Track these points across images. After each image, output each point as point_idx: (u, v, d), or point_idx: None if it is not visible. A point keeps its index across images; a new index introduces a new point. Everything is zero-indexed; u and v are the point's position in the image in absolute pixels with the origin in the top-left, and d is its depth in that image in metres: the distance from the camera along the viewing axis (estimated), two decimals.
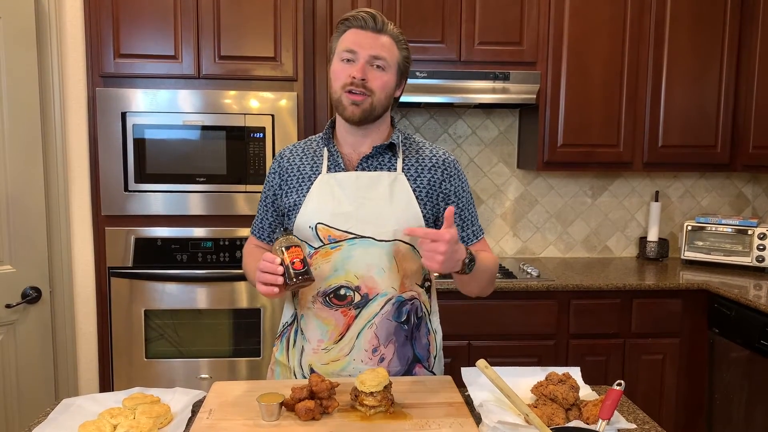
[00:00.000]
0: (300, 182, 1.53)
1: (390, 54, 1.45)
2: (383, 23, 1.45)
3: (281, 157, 1.59)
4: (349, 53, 1.44)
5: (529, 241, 3.30)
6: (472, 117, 3.20)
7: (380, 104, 1.46)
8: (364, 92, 1.43)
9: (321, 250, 1.47)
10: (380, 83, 1.44)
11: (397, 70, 1.48)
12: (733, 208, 3.37)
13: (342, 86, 1.44)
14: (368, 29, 1.43)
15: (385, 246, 1.46)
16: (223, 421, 1.24)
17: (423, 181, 1.51)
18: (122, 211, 2.51)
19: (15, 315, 2.23)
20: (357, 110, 1.44)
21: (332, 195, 1.47)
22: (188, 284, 2.55)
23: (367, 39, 1.43)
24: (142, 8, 2.46)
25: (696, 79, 2.91)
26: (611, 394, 1.21)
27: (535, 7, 2.80)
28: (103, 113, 2.46)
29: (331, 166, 1.51)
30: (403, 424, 1.24)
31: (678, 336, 2.72)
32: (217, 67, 2.51)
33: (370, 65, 1.43)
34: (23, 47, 2.21)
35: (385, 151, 1.52)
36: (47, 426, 1.23)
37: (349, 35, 1.45)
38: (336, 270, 1.46)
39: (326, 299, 1.47)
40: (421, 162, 1.53)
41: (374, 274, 1.46)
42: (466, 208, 1.56)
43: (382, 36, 1.44)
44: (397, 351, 1.50)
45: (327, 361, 1.49)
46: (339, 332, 1.47)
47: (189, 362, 2.58)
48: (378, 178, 1.48)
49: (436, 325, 1.59)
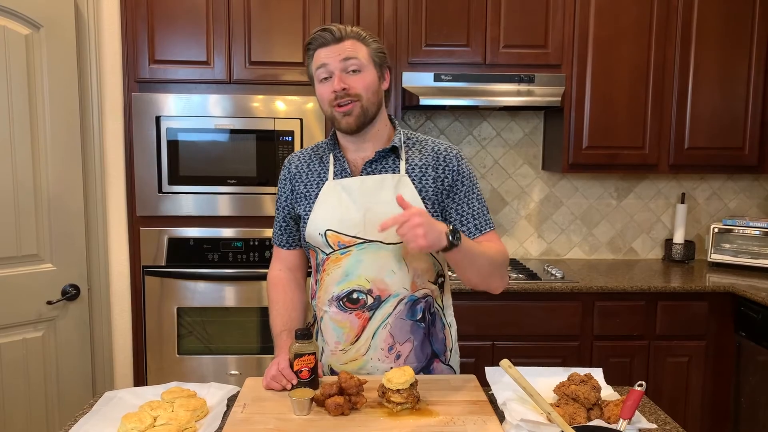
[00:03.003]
0: (309, 189, 1.56)
1: (359, 52, 1.46)
2: (340, 31, 1.46)
3: (290, 163, 1.62)
4: (322, 70, 1.46)
5: (553, 243, 3.31)
6: (497, 119, 3.22)
7: (370, 104, 1.48)
8: (351, 99, 1.45)
9: (332, 256, 1.51)
10: (362, 84, 1.46)
11: (374, 64, 1.49)
12: (762, 211, 3.33)
13: (329, 103, 1.47)
14: (330, 43, 1.46)
15: (393, 248, 1.49)
16: (256, 415, 1.30)
17: (428, 180, 1.51)
18: (156, 212, 2.59)
19: (55, 311, 2.32)
20: (351, 119, 1.46)
21: (339, 201, 1.50)
22: (218, 283, 2.62)
23: (332, 51, 1.45)
24: (176, 16, 2.54)
25: (723, 80, 2.89)
26: (632, 395, 1.23)
27: (560, 10, 2.82)
28: (138, 117, 2.54)
29: (338, 171, 1.54)
30: (429, 420, 1.28)
31: (704, 339, 2.71)
32: (247, 72, 2.58)
33: (346, 72, 1.45)
34: (64, 55, 2.31)
35: (388, 153, 1.54)
36: (92, 416, 1.31)
37: (317, 56, 1.48)
38: (347, 275, 1.50)
39: (340, 303, 1.51)
40: (423, 160, 1.53)
41: (385, 277, 1.49)
42: (465, 201, 1.53)
43: (344, 42, 1.46)
44: (415, 349, 1.53)
45: (345, 361, 1.53)
46: (355, 334, 1.52)
47: (218, 359, 2.66)
48: (382, 181, 1.50)
49: (450, 319, 1.62)
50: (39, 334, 2.28)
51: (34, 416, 2.28)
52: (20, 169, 2.19)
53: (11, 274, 2.20)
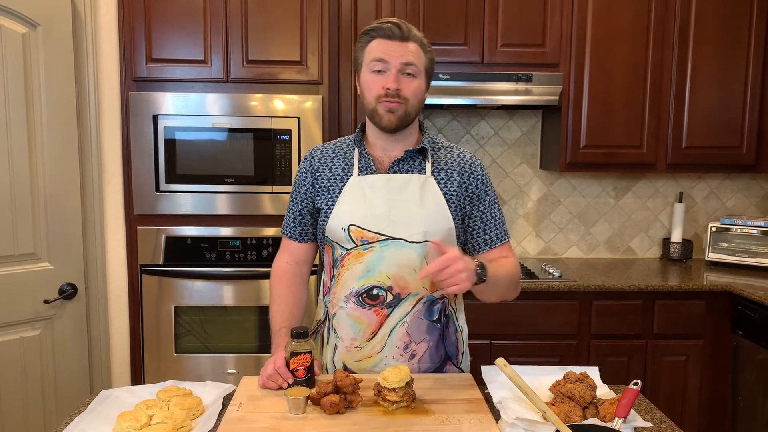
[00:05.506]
0: (332, 184, 1.55)
1: (419, 60, 1.48)
2: (408, 30, 1.47)
3: (312, 156, 1.61)
4: (379, 63, 1.46)
5: (551, 242, 3.31)
6: (495, 118, 3.22)
7: (414, 110, 1.50)
8: (399, 101, 1.46)
9: (354, 252, 1.51)
10: (413, 90, 1.48)
11: (426, 74, 1.51)
12: (759, 210, 3.34)
13: (377, 97, 1.47)
14: (395, 38, 1.46)
15: (416, 247, 1.49)
16: (252, 414, 1.30)
17: (452, 184, 1.54)
18: (153, 211, 2.59)
19: (53, 310, 2.32)
20: (393, 118, 1.47)
21: (364, 197, 1.50)
22: (216, 282, 2.62)
23: (395, 48, 1.45)
24: (173, 14, 2.54)
25: (721, 80, 2.89)
26: (628, 393, 1.24)
27: (557, 9, 2.81)
28: (135, 116, 2.54)
29: (363, 168, 1.54)
30: (424, 419, 1.28)
31: (701, 338, 2.72)
32: (245, 71, 2.58)
33: (402, 73, 1.46)
34: (61, 53, 2.31)
35: (416, 154, 1.55)
36: (87, 415, 1.31)
37: (375, 45, 1.47)
38: (369, 271, 1.50)
39: (359, 299, 1.51)
40: (449, 165, 1.56)
41: (406, 275, 1.49)
42: (488, 211, 1.57)
43: (409, 43, 1.47)
44: (430, 350, 1.54)
45: (360, 358, 1.53)
46: (372, 330, 1.51)
47: (216, 357, 2.66)
48: (409, 180, 1.51)
49: (462, 323, 1.63)
50: (36, 332, 2.28)
51: (31, 415, 2.28)
52: (17, 168, 2.19)
53: (8, 273, 2.20)
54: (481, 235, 1.58)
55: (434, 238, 1.47)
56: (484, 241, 1.58)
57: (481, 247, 1.58)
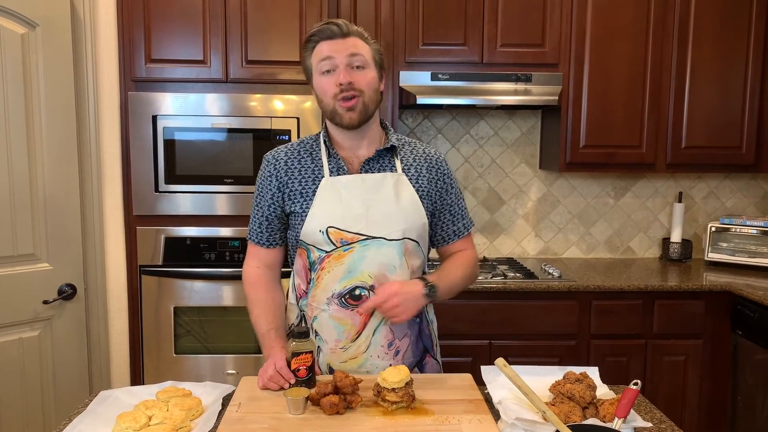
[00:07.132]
0: (303, 186, 1.54)
1: (364, 50, 1.50)
2: (347, 26, 1.49)
3: (276, 160, 1.58)
4: (326, 62, 1.48)
5: (551, 242, 3.31)
6: (495, 118, 3.22)
7: (371, 101, 1.51)
8: (355, 94, 1.47)
9: (334, 254, 1.51)
10: (367, 81, 1.49)
11: (375, 64, 1.52)
12: (759, 209, 3.34)
13: (333, 97, 1.48)
14: (336, 37, 1.48)
15: (395, 245, 1.51)
16: (251, 414, 1.30)
17: (423, 181, 1.58)
18: (153, 211, 2.59)
19: (52, 311, 2.32)
20: (354, 114, 1.49)
21: (340, 198, 1.50)
22: (215, 282, 2.62)
23: (338, 45, 1.47)
24: (173, 15, 2.53)
25: (720, 80, 2.89)
26: (627, 393, 1.24)
27: (557, 9, 2.81)
28: (134, 116, 2.54)
29: (333, 169, 1.54)
30: (424, 419, 1.28)
31: (701, 338, 2.72)
32: (244, 71, 2.57)
33: (351, 67, 1.47)
34: (60, 54, 2.30)
35: (385, 153, 1.57)
36: (87, 416, 1.30)
37: (320, 48, 1.49)
38: (350, 271, 1.50)
39: (342, 300, 1.51)
40: (417, 162, 1.59)
41: (387, 272, 1.51)
42: (456, 202, 1.64)
43: (349, 38, 1.49)
44: (411, 344, 1.57)
45: (345, 359, 1.53)
46: (356, 330, 1.52)
47: (216, 358, 2.65)
48: (383, 179, 1.53)
49: (432, 316, 1.68)
50: (35, 333, 2.28)
51: (30, 416, 2.28)
52: (16, 169, 2.19)
53: (7, 274, 2.20)
54: (450, 227, 1.65)
55: (412, 235, 1.52)
56: (453, 232, 1.65)
57: (450, 237, 1.65)
